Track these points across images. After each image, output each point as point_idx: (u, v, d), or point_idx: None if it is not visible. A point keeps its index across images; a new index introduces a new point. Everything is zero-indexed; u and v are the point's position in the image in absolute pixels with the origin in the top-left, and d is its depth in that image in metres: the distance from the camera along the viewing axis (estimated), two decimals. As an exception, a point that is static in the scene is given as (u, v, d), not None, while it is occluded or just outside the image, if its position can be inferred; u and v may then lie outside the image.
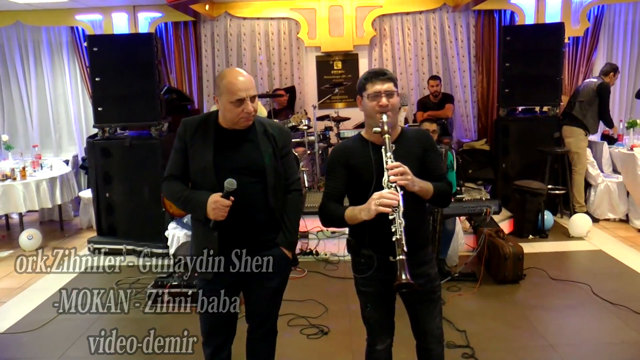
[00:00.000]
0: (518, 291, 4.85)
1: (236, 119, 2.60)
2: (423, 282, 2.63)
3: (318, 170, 7.14)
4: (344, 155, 2.63)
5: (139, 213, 6.25)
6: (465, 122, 8.65)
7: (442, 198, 2.63)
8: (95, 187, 6.46)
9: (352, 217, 2.48)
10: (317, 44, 8.46)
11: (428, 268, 2.68)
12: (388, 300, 2.72)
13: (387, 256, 2.54)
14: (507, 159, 7.22)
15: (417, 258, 2.61)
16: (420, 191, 2.49)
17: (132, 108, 6.27)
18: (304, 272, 5.42)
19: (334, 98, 8.16)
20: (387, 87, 2.53)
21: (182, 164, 2.68)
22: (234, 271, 2.67)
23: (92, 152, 6.44)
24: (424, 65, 8.57)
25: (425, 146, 2.64)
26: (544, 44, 6.93)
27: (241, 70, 2.63)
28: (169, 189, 2.71)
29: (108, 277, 5.50)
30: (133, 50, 6.25)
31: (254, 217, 2.65)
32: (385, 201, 2.33)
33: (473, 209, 5.01)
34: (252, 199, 2.62)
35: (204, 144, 2.61)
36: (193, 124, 2.67)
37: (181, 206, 2.69)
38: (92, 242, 6.38)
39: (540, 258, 5.58)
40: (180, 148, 2.67)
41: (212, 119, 2.68)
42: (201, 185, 2.62)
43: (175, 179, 2.69)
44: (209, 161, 2.59)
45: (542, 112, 7.27)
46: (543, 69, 6.93)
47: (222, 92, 2.57)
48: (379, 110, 2.51)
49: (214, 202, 2.52)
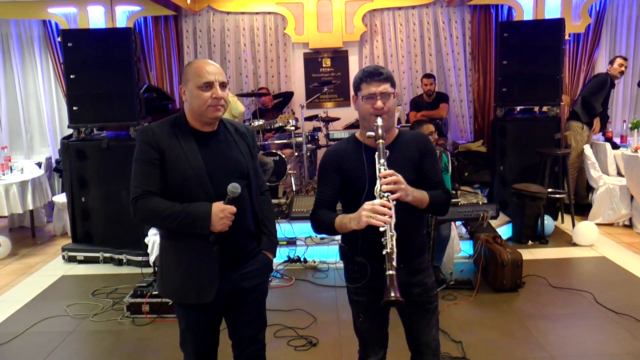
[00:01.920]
0: (517, 300, 4.86)
1: (204, 107, 2.46)
2: (419, 291, 2.64)
3: (306, 173, 7.14)
4: (335, 159, 2.62)
5: (117, 219, 6.21)
6: (461, 123, 8.69)
7: (438, 207, 2.61)
8: (70, 191, 6.41)
9: (342, 226, 2.47)
10: (304, 40, 8.48)
11: (424, 277, 2.68)
12: (382, 310, 2.70)
13: (382, 264, 2.54)
14: (504, 161, 7.25)
15: (412, 266, 2.62)
16: (414, 201, 2.47)
17: (110, 107, 6.24)
18: (292, 280, 5.41)
19: (323, 97, 8.18)
20: (383, 88, 2.50)
21: (158, 177, 2.45)
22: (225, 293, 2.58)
23: (66, 154, 6.39)
24: (417, 63, 8.61)
25: (423, 150, 2.62)
26: (543, 40, 6.96)
27: (211, 61, 2.59)
28: (149, 208, 2.43)
29: (84, 287, 5.46)
30: (110, 46, 6.21)
31: (246, 224, 2.62)
32: (378, 216, 2.31)
33: (469, 214, 5.01)
34: (243, 204, 2.57)
35: (186, 149, 2.47)
36: (163, 129, 2.50)
37: (174, 224, 2.42)
38: (66, 250, 6.32)
39: (540, 265, 5.60)
40: (152, 159, 2.45)
41: (182, 121, 2.54)
42: (189, 197, 2.45)
43: (154, 196, 2.45)
44: (201, 168, 2.46)
45: (541, 112, 7.30)
46: (542, 67, 6.96)
47: (189, 78, 2.48)
48: (374, 113, 2.50)
49: (221, 211, 2.39)
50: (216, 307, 2.60)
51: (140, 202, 2.44)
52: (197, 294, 2.51)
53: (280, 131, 7.72)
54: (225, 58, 8.55)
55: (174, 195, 2.46)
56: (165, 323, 4.53)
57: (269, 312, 2.91)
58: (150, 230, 5.68)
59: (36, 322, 4.67)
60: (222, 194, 2.44)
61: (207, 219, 2.39)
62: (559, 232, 6.70)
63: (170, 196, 2.46)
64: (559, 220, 7.10)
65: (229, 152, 2.59)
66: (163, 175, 2.46)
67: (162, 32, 8.40)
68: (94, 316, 4.75)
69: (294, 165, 7.45)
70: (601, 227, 6.77)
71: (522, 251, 5.21)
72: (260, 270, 2.68)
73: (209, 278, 2.50)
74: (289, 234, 5.97)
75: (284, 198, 7.15)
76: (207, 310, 2.58)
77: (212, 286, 2.50)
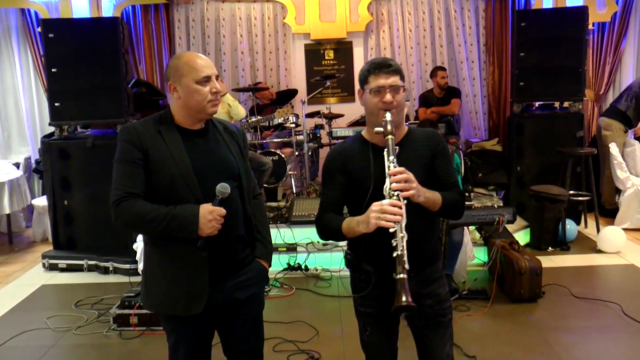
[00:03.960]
0: (536, 311, 4.84)
1: (204, 103, 2.48)
2: (431, 303, 2.62)
3: (308, 174, 7.13)
4: (340, 160, 2.61)
5: (103, 223, 6.16)
6: (474, 120, 8.68)
7: (451, 210, 2.60)
8: (52, 194, 6.40)
9: (350, 230, 2.47)
10: (305, 31, 8.47)
11: (437, 287, 2.66)
12: (390, 323, 2.71)
13: (390, 273, 2.52)
14: (522, 161, 7.23)
15: (424, 276, 2.61)
16: (426, 202, 2.46)
17: (95, 103, 6.22)
18: (292, 290, 5.39)
19: (326, 92, 8.15)
20: (392, 81, 2.49)
21: (142, 178, 2.45)
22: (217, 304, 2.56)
23: (47, 154, 6.38)
24: (427, 55, 8.60)
25: (435, 150, 2.61)
26: (564, 30, 6.92)
27: (198, 53, 2.59)
28: (132, 211, 2.41)
29: (66, 297, 5.43)
30: (96, 37, 6.20)
31: (237, 228, 2.61)
32: (387, 216, 2.30)
33: (484, 218, 5.00)
34: (234, 207, 2.56)
35: (172, 148, 2.47)
36: (147, 127, 2.51)
37: (159, 228, 2.41)
38: (47, 257, 6.31)
39: (561, 273, 5.58)
40: (135, 159, 2.44)
41: (167, 119, 2.55)
42: (175, 199, 2.45)
43: (138, 198, 2.44)
44: (188, 167, 2.46)
45: (562, 108, 7.28)
46: (563, 59, 6.92)
47: (184, 73, 2.47)
48: (382, 108, 2.49)
49: (210, 213, 2.39)
50: (207, 320, 2.59)
51: (123, 205, 2.42)
52: (185, 305, 2.49)
53: (280, 129, 7.71)
54: (220, 50, 8.55)
55: (159, 198, 2.46)
56: (155, 336, 4.50)
57: (267, 325, 2.89)
58: (139, 236, 5.66)
59: (14, 336, 4.64)
60: (211, 196, 2.44)
61: (195, 222, 2.39)
62: (582, 238, 6.68)
63: (155, 199, 2.46)
64: (581, 224, 7.07)
65: (218, 151, 2.59)
66: (147, 176, 2.46)
67: (152, 22, 8.39)
68: (77, 329, 4.72)
69: (295, 165, 7.44)
70: (629, 232, 6.74)
71: (542, 258, 5.19)
72: (255, 280, 2.67)
73: (198, 287, 2.49)
74: (289, 240, 5.95)
75: (283, 201, 7.14)
76: (198, 323, 2.56)
77: (202, 296, 2.49)
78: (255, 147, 7.25)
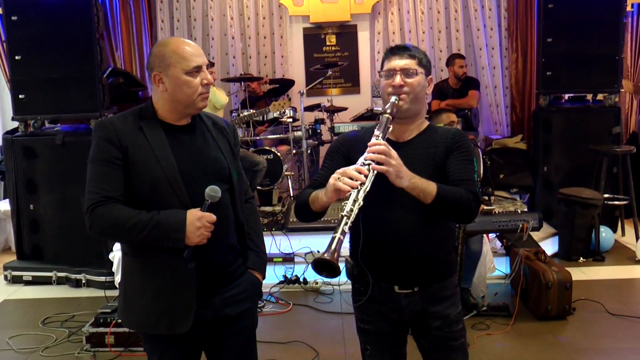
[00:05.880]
0: (565, 330, 4.83)
1: (194, 96, 2.47)
2: (439, 324, 2.62)
3: (306, 174, 7.12)
4: (347, 144, 2.66)
5: (74, 230, 6.18)
6: (495, 114, 8.69)
7: (454, 207, 2.47)
8: (15, 197, 6.40)
9: (315, 200, 2.49)
10: (304, 13, 8.50)
11: (447, 307, 2.64)
12: (395, 343, 2.72)
13: (392, 285, 2.52)
14: (549, 161, 7.23)
15: (431, 292, 2.60)
16: (414, 189, 2.38)
17: (65, 95, 6.21)
18: (289, 305, 5.39)
19: (327, 82, 8.16)
20: (406, 63, 2.51)
21: (120, 180, 2.43)
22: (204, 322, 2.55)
23: (10, 152, 6.38)
24: (441, 41, 8.63)
25: (451, 145, 2.56)
26: (598, 13, 6.92)
27: (187, 39, 2.58)
28: (110, 217, 2.40)
29: (32, 314, 5.43)
30: (66, 20, 6.18)
31: (228, 237, 2.61)
32: (346, 179, 2.30)
33: (505, 225, 5.01)
34: (225, 213, 2.56)
35: (155, 146, 2.46)
36: (126, 123, 2.49)
37: (141, 237, 2.39)
38: (9, 269, 6.30)
39: (594, 287, 5.57)
40: (113, 158, 2.43)
41: (149, 113, 2.54)
42: (159, 204, 2.44)
43: (116, 203, 2.42)
44: (173, 168, 2.45)
45: (595, 100, 7.29)
46: (597, 46, 6.92)
47: (171, 63, 2.45)
48: (391, 92, 2.50)
49: (199, 220, 2.38)
50: (194, 339, 2.58)
51: (99, 210, 2.41)
52: (169, 324, 2.49)
53: (275, 124, 7.70)
54: (208, 35, 8.58)
55: (140, 202, 2.45)
56: (134, 357, 4.50)
57: (262, 345, 2.91)
58: (115, 245, 5.66)
59: (-27, 358, 4.65)
60: (198, 200, 2.43)
61: (182, 230, 2.38)
62: (619, 247, 6.67)
63: (136, 203, 2.45)
64: (618, 232, 7.07)
65: (206, 150, 2.59)
66: (126, 178, 2.45)
67: (131, 3, 8.41)
68: (44, 350, 4.71)
69: (292, 165, 7.45)
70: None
71: (572, 270, 5.18)
72: (248, 294, 2.67)
73: (184, 303, 2.48)
74: (285, 249, 5.96)
75: (279, 205, 7.14)
76: (183, 343, 2.56)
77: (189, 313, 2.48)
78: (247, 144, 7.25)
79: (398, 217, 2.48)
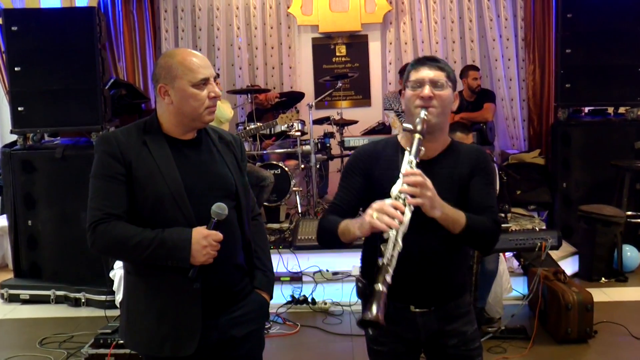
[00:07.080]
0: (586, 354, 4.81)
1: (200, 110, 2.48)
2: (456, 342, 2.61)
3: (315, 190, 7.12)
4: (365, 161, 2.63)
5: (74, 247, 6.19)
6: (512, 127, 8.68)
7: (479, 238, 2.53)
8: (13, 213, 6.42)
9: (346, 231, 2.46)
10: (313, 22, 8.52)
11: (463, 324, 2.65)
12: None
13: (408, 305, 2.51)
14: (568, 177, 7.21)
15: (447, 310, 2.60)
16: (445, 220, 2.40)
17: (66, 107, 6.24)
18: (297, 327, 5.38)
19: (336, 95, 8.15)
20: (435, 74, 2.50)
21: (124, 196, 2.44)
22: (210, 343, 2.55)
23: (8, 166, 6.41)
24: (456, 52, 8.63)
25: (476, 167, 2.58)
26: (618, 22, 6.94)
27: (194, 50, 2.59)
28: (113, 235, 2.40)
29: (29, 334, 5.43)
30: (67, 30, 6.23)
31: (234, 255, 2.61)
32: (384, 217, 2.26)
33: (523, 243, 4.98)
34: (231, 231, 2.57)
35: (160, 161, 2.47)
36: (130, 137, 2.51)
37: (145, 255, 2.40)
38: (6, 287, 6.32)
39: (617, 309, 5.55)
40: (116, 173, 2.44)
41: (153, 127, 2.54)
42: (163, 221, 2.44)
43: (119, 220, 2.43)
44: (178, 183, 2.46)
45: (617, 114, 7.28)
46: (618, 57, 6.93)
47: (178, 75, 2.46)
48: (419, 105, 2.48)
49: (204, 238, 2.38)
50: None
51: (101, 227, 2.41)
52: (174, 345, 2.49)
53: (283, 137, 7.71)
54: (213, 45, 8.61)
55: (144, 219, 2.45)
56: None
57: (268, 368, 2.88)
58: (116, 263, 5.66)
59: (-32, 380, 4.65)
60: (204, 217, 2.44)
61: (187, 248, 2.38)
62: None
63: (139, 220, 2.45)
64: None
65: (212, 165, 2.60)
66: (130, 194, 2.46)
67: (135, 13, 8.44)
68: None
69: (300, 180, 7.45)
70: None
71: (593, 291, 5.15)
72: (254, 314, 2.67)
73: (189, 324, 2.48)
74: (293, 268, 5.95)
75: (287, 222, 7.13)
76: None
77: (194, 335, 2.48)
78: (254, 159, 7.26)
79: (417, 238, 2.44)
